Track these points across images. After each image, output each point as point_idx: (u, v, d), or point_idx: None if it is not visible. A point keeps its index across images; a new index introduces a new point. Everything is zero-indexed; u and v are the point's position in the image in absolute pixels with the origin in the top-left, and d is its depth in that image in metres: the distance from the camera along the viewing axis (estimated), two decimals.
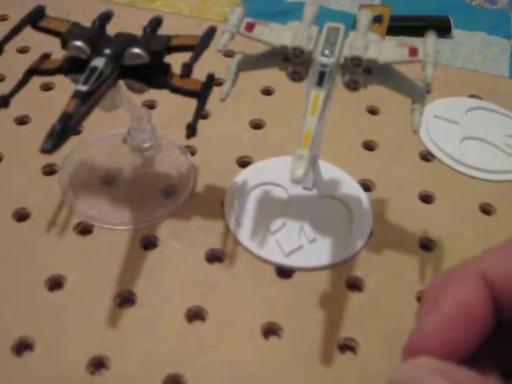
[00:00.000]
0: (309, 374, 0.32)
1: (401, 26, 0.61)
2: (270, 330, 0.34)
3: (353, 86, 0.33)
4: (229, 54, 0.42)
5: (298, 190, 0.40)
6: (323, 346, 0.33)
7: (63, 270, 0.36)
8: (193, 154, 0.43)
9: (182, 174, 0.41)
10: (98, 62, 0.32)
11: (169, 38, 0.35)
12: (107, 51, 0.33)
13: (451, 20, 0.62)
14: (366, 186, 0.42)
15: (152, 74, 0.34)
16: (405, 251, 0.38)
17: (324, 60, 0.31)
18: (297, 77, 0.33)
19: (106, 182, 0.40)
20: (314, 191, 0.40)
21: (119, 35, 0.35)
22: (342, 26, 0.33)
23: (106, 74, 0.32)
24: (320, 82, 0.30)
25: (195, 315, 0.35)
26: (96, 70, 0.32)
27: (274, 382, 0.32)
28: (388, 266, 0.38)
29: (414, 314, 0.21)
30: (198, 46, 0.33)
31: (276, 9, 0.64)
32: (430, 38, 0.32)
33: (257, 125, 0.47)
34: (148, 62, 0.33)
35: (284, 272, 0.37)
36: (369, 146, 0.45)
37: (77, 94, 0.30)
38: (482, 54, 0.61)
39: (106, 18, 0.36)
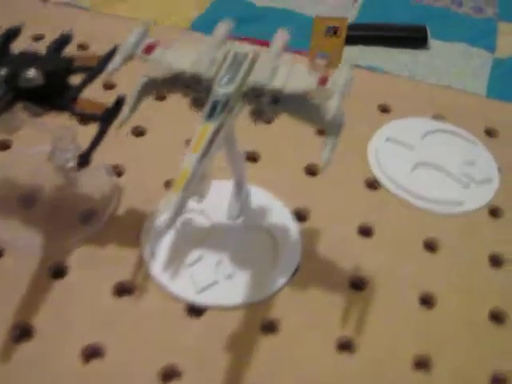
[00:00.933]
0: None
1: (374, 36, 0.58)
2: (171, 374, 0.32)
3: (257, 116, 0.30)
4: None
5: (221, 219, 0.37)
6: None
7: None
8: (120, 174, 0.41)
9: (104, 196, 0.39)
10: None
11: (70, 58, 0.32)
12: (2, 72, 0.31)
13: (428, 30, 0.59)
14: (301, 216, 0.40)
15: (50, 97, 0.32)
16: (332, 290, 0.36)
17: (219, 90, 0.28)
18: (199, 105, 0.30)
19: (25, 203, 0.38)
20: (240, 221, 0.37)
21: (22, 54, 0.33)
22: (250, 52, 0.31)
23: None
24: (211, 113, 0.28)
25: (94, 352, 0.33)
26: None
27: None
28: (311, 307, 0.35)
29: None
30: (93, 69, 0.31)
31: (247, 14, 0.61)
32: (344, 68, 0.29)
33: None
34: (44, 84, 0.31)
35: (194, 310, 0.34)
36: (311, 171, 0.43)
37: None
38: (460, 67, 0.57)
39: (11, 34, 0.34)
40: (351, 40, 0.56)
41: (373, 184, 0.42)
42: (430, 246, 0.39)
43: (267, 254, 0.37)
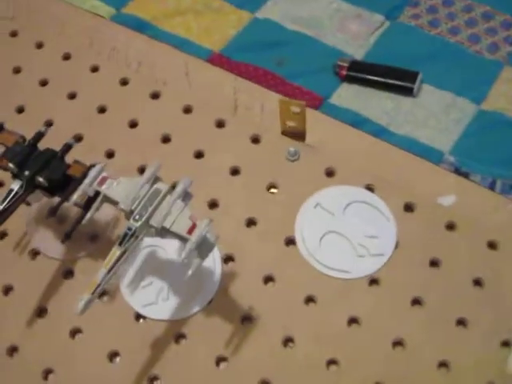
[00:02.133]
0: None
1: (367, 79, 0.67)
2: (115, 354, 0.55)
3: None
4: None
5: (173, 256, 0.57)
6: (136, 376, 0.53)
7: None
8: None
9: (106, 222, 0.60)
10: (15, 186, 0.51)
11: (66, 167, 0.51)
12: (26, 173, 0.51)
13: (419, 77, 0.66)
14: (229, 258, 0.57)
15: (53, 190, 0.52)
16: (227, 322, 0.55)
17: (130, 223, 0.47)
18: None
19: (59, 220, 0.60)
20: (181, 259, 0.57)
21: (42, 154, 0.52)
22: (164, 188, 0.48)
23: (20, 193, 0.51)
24: (121, 241, 0.46)
25: (76, 331, 0.56)
26: (12, 192, 0.51)
27: None
28: (209, 329, 0.55)
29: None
30: (73, 183, 0.50)
31: (275, 38, 0.73)
32: (202, 224, 0.45)
33: None
34: (48, 185, 0.51)
35: (139, 316, 0.56)
36: (249, 222, 0.59)
37: None
38: (438, 119, 0.66)
39: (39, 136, 0.53)
40: (350, 79, 0.68)
41: (290, 242, 0.58)
42: (307, 300, 0.55)
43: (194, 288, 0.56)
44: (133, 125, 0.64)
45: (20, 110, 0.66)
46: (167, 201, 0.47)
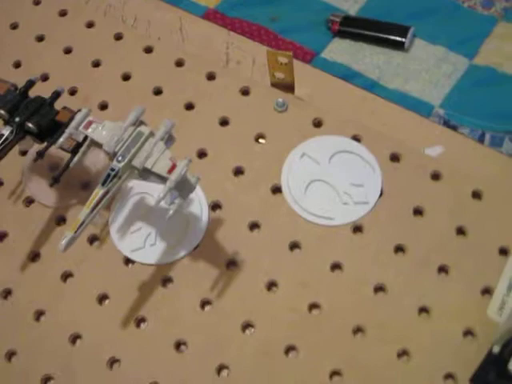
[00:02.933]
0: None
1: (359, 34, 0.68)
2: (104, 297, 0.56)
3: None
4: None
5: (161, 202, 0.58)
6: (124, 318, 0.55)
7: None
8: None
9: (98, 171, 0.61)
10: (6, 131, 0.52)
11: (55, 113, 0.53)
12: (17, 119, 0.52)
13: (411, 32, 0.67)
14: (217, 206, 0.59)
15: (43, 136, 0.53)
16: (212, 266, 0.56)
17: (114, 164, 0.48)
18: None
19: (52, 170, 0.62)
20: (170, 205, 0.58)
21: (32, 101, 0.53)
22: (147, 131, 0.49)
23: (10, 138, 0.52)
24: (104, 182, 0.48)
25: (68, 275, 0.58)
26: (3, 137, 0.52)
27: None
28: (196, 273, 0.56)
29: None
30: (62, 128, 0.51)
31: None
32: (181, 163, 0.46)
33: None
34: (38, 131, 0.52)
35: (128, 261, 0.57)
36: (237, 171, 0.60)
37: None
38: (430, 73, 0.66)
39: (30, 85, 0.54)
40: (342, 34, 0.68)
41: (277, 190, 0.59)
42: (292, 246, 0.57)
43: (181, 233, 0.57)
44: (126, 78, 0.66)
45: (17, 65, 0.67)
46: (149, 143, 0.48)
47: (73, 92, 0.65)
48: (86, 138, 0.51)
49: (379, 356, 0.52)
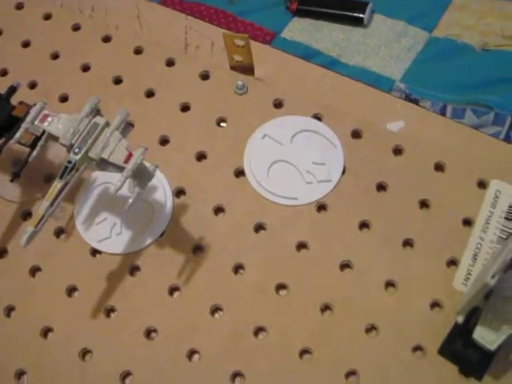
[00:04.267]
0: None
1: (312, 11, 0.68)
2: (73, 289, 0.56)
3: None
4: None
5: (124, 191, 0.58)
6: (93, 308, 0.55)
7: None
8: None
9: (60, 162, 0.61)
10: None
11: (11, 108, 0.53)
12: None
13: (369, 7, 0.66)
14: (181, 192, 0.59)
15: (1, 131, 0.53)
16: (178, 251, 0.56)
17: (70, 156, 0.48)
18: None
19: (15, 165, 0.61)
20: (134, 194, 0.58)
21: None
22: (102, 122, 0.49)
23: None
24: (62, 174, 0.48)
25: (36, 269, 0.58)
26: None
27: None
28: (163, 261, 0.56)
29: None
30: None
31: None
32: (137, 152, 0.46)
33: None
34: None
35: (95, 252, 0.57)
36: (199, 156, 0.60)
37: None
38: (390, 47, 0.66)
39: None
40: (301, 13, 0.68)
41: (240, 173, 0.59)
42: (257, 228, 0.57)
43: (146, 221, 0.57)
44: (85, 69, 0.65)
45: None
46: (105, 133, 0.48)
47: (33, 86, 0.64)
48: (44, 131, 0.51)
49: (348, 332, 0.52)
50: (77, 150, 0.47)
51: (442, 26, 0.66)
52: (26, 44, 0.67)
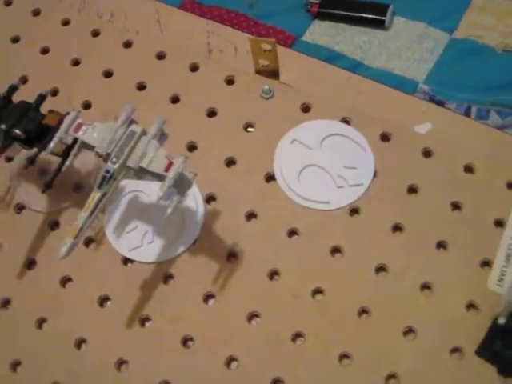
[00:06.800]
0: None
1: (333, 14, 0.68)
2: (105, 298, 0.56)
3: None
4: None
5: (154, 199, 0.57)
6: (128, 318, 0.54)
7: None
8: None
9: (88, 171, 0.60)
10: None
11: (42, 116, 0.52)
12: (2, 127, 0.51)
13: (390, 10, 0.66)
14: (211, 198, 0.58)
15: (32, 141, 0.52)
16: (213, 260, 0.56)
17: (108, 166, 0.47)
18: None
19: (41, 174, 0.60)
20: (164, 201, 0.57)
21: (17, 106, 0.52)
22: (139, 130, 0.48)
23: None
24: (100, 184, 0.47)
25: (66, 280, 0.57)
26: None
27: None
28: (196, 269, 0.56)
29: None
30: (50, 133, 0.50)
31: None
32: (178, 161, 0.46)
33: None
34: (25, 137, 0.51)
35: (127, 260, 0.57)
36: (229, 162, 0.60)
37: None
38: (412, 49, 0.66)
39: (12, 89, 0.53)
40: (322, 16, 0.68)
41: (270, 178, 0.59)
42: (290, 233, 0.56)
43: (178, 229, 0.57)
44: (107, 75, 0.64)
45: None
46: (143, 142, 0.47)
47: (54, 93, 0.63)
48: (75, 140, 0.50)
49: (386, 335, 0.52)
50: (114, 160, 0.47)
51: (462, 28, 0.66)
52: (44, 50, 0.66)
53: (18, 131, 0.50)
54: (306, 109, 0.61)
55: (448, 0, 0.68)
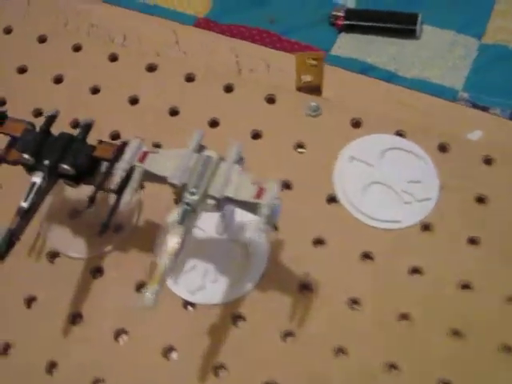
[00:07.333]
0: None
1: (360, 26, 0.65)
2: (170, 349, 0.49)
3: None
4: None
5: (211, 233, 0.52)
6: (200, 369, 0.48)
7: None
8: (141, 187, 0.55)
9: (130, 211, 0.54)
10: (37, 178, 0.44)
11: (92, 148, 0.45)
12: (46, 162, 0.44)
13: (419, 18, 0.64)
14: (274, 227, 0.53)
15: (80, 177, 0.46)
16: (285, 294, 0.50)
17: (187, 198, 0.41)
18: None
19: (73, 216, 0.54)
20: (224, 235, 0.52)
21: (59, 139, 0.45)
22: (215, 155, 0.43)
23: (43, 185, 0.44)
24: (182, 219, 0.41)
25: (121, 331, 0.50)
26: (35, 185, 0.44)
27: None
28: (268, 305, 0.50)
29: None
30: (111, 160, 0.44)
31: None
32: (271, 186, 0.41)
33: None
34: (75, 173, 0.45)
35: (188, 304, 0.51)
36: (285, 184, 0.55)
37: (19, 212, 0.43)
38: (444, 58, 0.64)
39: (51, 120, 0.46)
40: (348, 28, 0.65)
41: (332, 200, 0.55)
42: (365, 257, 0.52)
43: (242, 263, 0.51)
44: (133, 101, 0.59)
45: (1, 103, 0.58)
46: (222, 168, 0.42)
47: (75, 125, 0.57)
48: (129, 172, 0.44)
49: (481, 356, 0.49)
50: (194, 190, 0.41)
51: (489, 33, 0.65)
52: (58, 79, 0.60)
53: (66, 166, 0.44)
54: (356, 124, 0.58)
55: (472, 6, 0.66)
